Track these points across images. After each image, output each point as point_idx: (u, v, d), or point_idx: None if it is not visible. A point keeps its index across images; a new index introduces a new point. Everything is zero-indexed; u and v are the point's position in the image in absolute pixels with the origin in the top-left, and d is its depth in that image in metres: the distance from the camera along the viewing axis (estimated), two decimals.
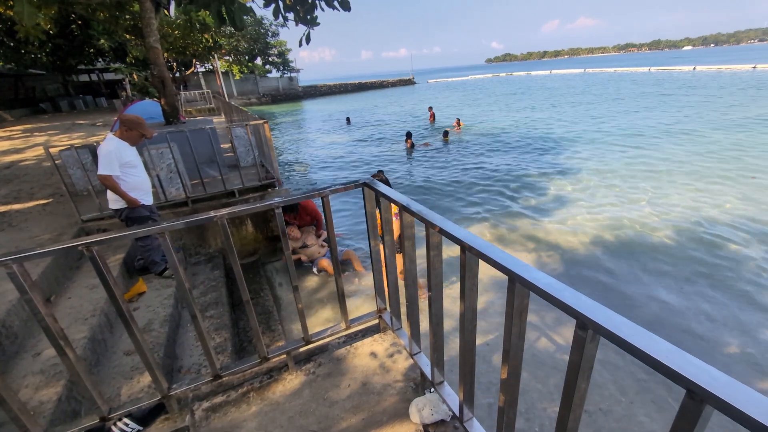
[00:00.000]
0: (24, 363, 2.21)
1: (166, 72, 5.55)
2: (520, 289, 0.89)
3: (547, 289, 0.78)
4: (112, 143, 3.12)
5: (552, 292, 0.77)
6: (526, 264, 0.89)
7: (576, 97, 25.77)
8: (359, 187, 1.73)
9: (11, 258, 1.12)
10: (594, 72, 58.72)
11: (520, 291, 0.89)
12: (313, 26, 5.54)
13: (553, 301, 0.77)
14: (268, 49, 40.02)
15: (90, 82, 28.39)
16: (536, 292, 0.82)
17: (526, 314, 0.95)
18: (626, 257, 5.09)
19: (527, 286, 0.85)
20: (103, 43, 18.88)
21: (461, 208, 7.28)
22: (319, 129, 19.61)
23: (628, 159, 9.56)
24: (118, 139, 3.18)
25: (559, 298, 0.75)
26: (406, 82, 62.27)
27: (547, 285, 0.79)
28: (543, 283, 0.80)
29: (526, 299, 0.91)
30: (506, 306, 0.94)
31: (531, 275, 0.83)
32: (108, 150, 3.06)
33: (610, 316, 0.71)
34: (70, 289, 3.12)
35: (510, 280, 0.90)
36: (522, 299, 0.91)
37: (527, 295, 0.91)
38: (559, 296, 0.75)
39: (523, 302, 0.92)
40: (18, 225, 4.15)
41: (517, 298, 0.90)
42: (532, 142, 12.58)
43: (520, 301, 0.91)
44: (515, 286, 0.89)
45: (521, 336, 0.98)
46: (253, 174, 5.21)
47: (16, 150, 9.32)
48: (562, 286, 0.79)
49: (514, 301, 0.91)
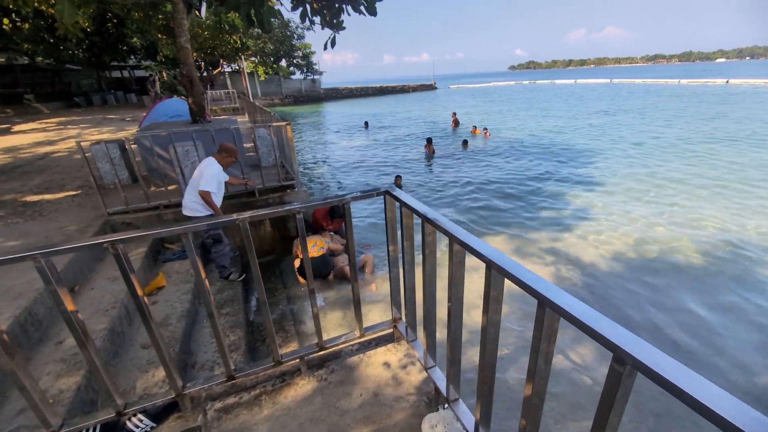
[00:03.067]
0: (47, 350, 2.28)
1: (194, 72, 5.70)
2: (551, 314, 0.84)
3: (581, 318, 0.74)
4: (215, 166, 3.63)
5: (587, 322, 0.72)
6: (558, 288, 0.85)
7: (601, 107, 25.17)
8: (381, 195, 1.71)
9: (40, 252, 1.15)
10: (621, 82, 57.31)
11: (550, 316, 0.85)
12: (338, 30, 5.59)
13: (587, 331, 0.73)
14: (293, 52, 40.71)
15: (121, 78, 29.52)
16: (569, 320, 0.77)
17: (555, 339, 0.90)
18: (650, 275, 4.90)
19: (559, 312, 0.81)
20: (135, 41, 19.62)
21: (479, 216, 7.17)
22: (339, 132, 19.76)
23: (656, 173, 9.24)
24: (217, 163, 3.65)
25: (595, 328, 0.71)
26: (427, 87, 62.24)
27: (582, 313, 0.75)
28: (577, 310, 0.76)
29: (556, 324, 0.87)
30: (534, 329, 0.89)
31: (563, 301, 0.79)
32: (213, 172, 3.56)
33: (652, 353, 0.66)
34: (93, 280, 3.21)
35: (540, 304, 0.85)
36: (552, 324, 0.87)
37: (557, 320, 0.86)
38: (595, 326, 0.71)
39: (553, 327, 0.87)
40: (48, 215, 4.31)
41: (546, 324, 0.86)
42: (553, 152, 12.34)
43: (549, 326, 0.86)
44: (545, 311, 0.84)
45: (548, 360, 0.94)
46: (273, 174, 5.27)
47: (50, 142, 9.74)
48: (598, 315, 0.74)
49: (543, 326, 0.86)
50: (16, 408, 1.83)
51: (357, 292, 1.88)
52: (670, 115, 19.20)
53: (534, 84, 69.71)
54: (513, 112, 24.96)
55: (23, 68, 20.90)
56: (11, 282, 2.64)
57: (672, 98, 28.91)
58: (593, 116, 20.70)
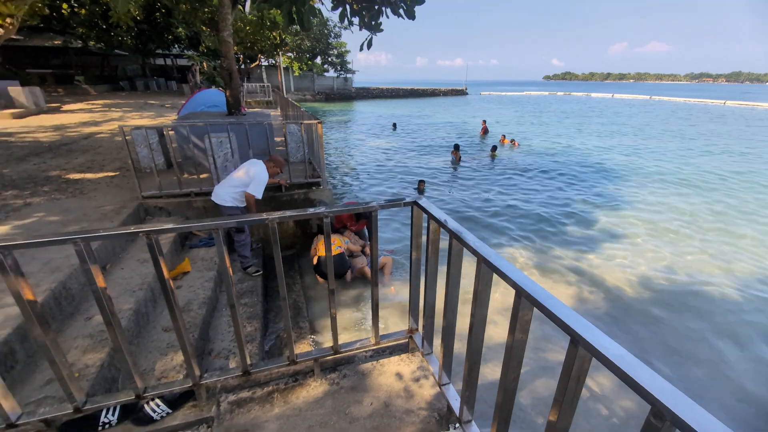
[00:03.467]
0: (76, 325, 2.39)
1: (234, 66, 5.87)
2: (583, 353, 0.80)
3: (618, 363, 0.69)
4: (265, 175, 3.81)
5: (624, 368, 0.68)
6: (592, 326, 0.81)
7: (638, 124, 24.19)
8: (408, 205, 1.69)
9: (80, 237, 1.20)
10: (661, 100, 54.87)
11: (582, 355, 0.81)
12: (376, 32, 5.62)
13: (624, 378, 0.68)
14: (329, 50, 41.30)
15: (164, 66, 30.81)
16: (603, 362, 0.73)
17: (585, 378, 0.86)
18: (678, 308, 4.66)
19: (592, 353, 0.77)
20: (180, 32, 20.43)
21: (502, 228, 7.03)
22: (367, 131, 19.87)
23: (691, 199, 8.79)
24: (266, 171, 3.84)
25: (633, 376, 0.66)
26: (458, 93, 61.67)
27: (619, 358, 0.71)
28: (613, 354, 0.72)
29: (587, 364, 0.83)
30: (563, 367, 0.86)
31: (599, 342, 0.75)
32: (263, 179, 3.76)
33: (695, 410, 0.62)
34: (123, 261, 3.35)
35: (572, 341, 0.82)
36: (582, 364, 0.82)
37: (589, 360, 0.82)
38: (633, 374, 0.67)
39: (584, 367, 0.83)
40: (88, 193, 4.54)
41: (577, 363, 0.82)
42: (584, 168, 11.94)
43: (580, 365, 0.82)
44: (577, 349, 0.80)
45: (575, 399, 0.89)
46: (301, 170, 5.35)
47: (95, 122, 10.27)
48: (636, 362, 0.70)
49: (574, 365, 0.82)
50: (45, 378, 1.93)
51: (377, 298, 1.87)
52: (713, 139, 18.21)
53: (569, 96, 67.81)
54: (544, 124, 24.35)
55: (76, 51, 22.12)
56: (51, 255, 2.79)
57: (715, 119, 27.45)
58: (628, 133, 19.90)
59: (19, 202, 4.15)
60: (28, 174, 5.24)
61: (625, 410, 3.15)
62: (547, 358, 3.69)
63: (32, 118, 10.70)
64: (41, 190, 4.59)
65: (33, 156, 6.30)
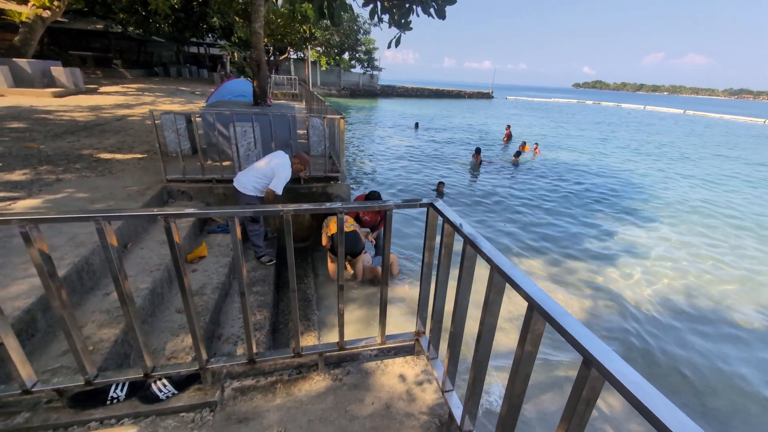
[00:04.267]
0: (95, 299, 2.48)
1: (263, 57, 5.94)
2: (596, 376, 0.76)
3: (634, 392, 0.65)
4: (289, 172, 3.83)
5: (641, 398, 0.64)
6: (608, 348, 0.76)
7: (669, 138, 23.24)
8: (424, 206, 1.67)
9: (102, 215, 1.23)
10: (696, 115, 52.51)
11: (594, 378, 0.77)
12: (405, 30, 5.58)
13: (639, 408, 0.64)
14: (357, 46, 41.43)
15: (197, 54, 31.60)
16: (617, 389, 0.69)
17: (595, 402, 0.82)
18: (698, 328, 4.46)
19: (605, 376, 0.73)
20: (214, 21, 20.86)
21: (519, 237, 6.89)
22: (389, 129, 19.85)
23: (719, 218, 8.38)
24: (290, 167, 3.87)
25: (650, 408, 0.62)
26: (483, 95, 60.81)
27: (635, 385, 0.67)
28: (630, 380, 0.68)
29: (599, 387, 0.79)
30: (573, 389, 0.82)
31: (614, 366, 0.71)
32: (286, 175, 3.77)
33: None
34: (144, 240, 3.45)
35: (585, 362, 0.78)
36: (594, 387, 0.78)
37: (602, 383, 0.78)
38: (651, 406, 0.62)
39: (595, 390, 0.79)
40: (116, 173, 4.70)
41: (588, 385, 0.78)
42: (607, 180, 11.57)
43: (591, 388, 0.78)
44: (590, 371, 0.76)
45: (583, 423, 0.85)
46: (321, 164, 5.38)
47: (128, 105, 10.64)
48: (654, 392, 0.66)
49: (585, 387, 0.78)
50: (62, 348, 2.00)
51: (385, 297, 1.85)
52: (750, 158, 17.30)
53: (598, 105, 65.81)
54: (570, 132, 23.70)
55: (116, 36, 22.96)
56: (77, 230, 2.90)
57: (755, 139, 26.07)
58: (657, 148, 19.15)
59: (52, 177, 4.34)
60: (63, 151, 5.47)
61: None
62: (557, 373, 3.59)
63: (71, 97, 11.17)
64: (73, 167, 4.79)
65: (68, 134, 6.57)
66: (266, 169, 3.78)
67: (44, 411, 1.50)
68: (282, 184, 3.74)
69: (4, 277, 2.26)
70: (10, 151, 5.20)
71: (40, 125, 7.04)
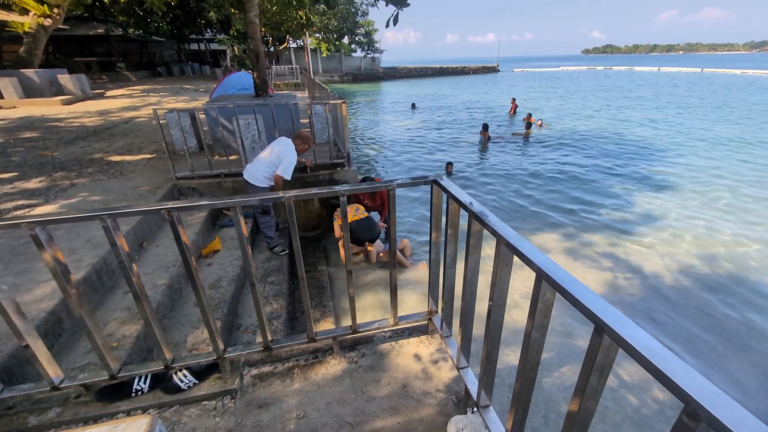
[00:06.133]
0: (115, 298, 2.55)
1: (261, 47, 5.87)
2: (608, 343, 0.74)
3: (648, 356, 0.62)
4: (294, 155, 3.77)
5: (656, 362, 0.61)
6: (621, 314, 0.73)
7: (685, 100, 22.22)
8: (428, 183, 1.63)
9: (106, 213, 1.24)
10: (714, 72, 49.90)
11: (607, 345, 0.74)
12: (402, 7, 5.42)
13: (654, 373, 0.62)
14: (356, 29, 40.60)
15: (198, 51, 31.57)
16: (631, 354, 0.66)
17: (610, 370, 0.80)
18: (723, 295, 4.33)
19: (619, 343, 0.70)
20: (212, 15, 20.68)
21: (533, 212, 6.77)
22: (393, 112, 19.57)
23: (745, 183, 8.04)
24: (295, 150, 3.80)
25: (665, 372, 0.59)
26: (489, 70, 59.17)
27: (650, 350, 0.64)
28: (643, 345, 0.65)
29: (613, 355, 0.76)
30: (586, 357, 0.79)
31: (627, 332, 0.68)
32: (291, 160, 3.73)
33: (734, 410, 0.54)
34: (159, 238, 3.52)
35: (597, 329, 0.75)
36: (608, 355, 0.76)
37: (615, 351, 0.75)
38: (666, 370, 0.60)
39: (609, 358, 0.76)
40: (127, 175, 4.78)
41: (602, 353, 0.75)
42: (623, 147, 11.19)
43: (605, 355, 0.76)
44: (602, 338, 0.74)
45: (598, 391, 0.83)
46: (326, 151, 5.35)
47: (134, 107, 10.75)
48: (670, 356, 0.63)
49: (598, 355, 0.76)
50: (88, 346, 2.07)
51: (395, 278, 1.84)
52: None
53: (609, 70, 63.28)
54: (579, 101, 22.91)
55: (117, 39, 23.06)
56: (93, 232, 2.97)
57: None
58: (675, 110, 18.36)
59: (66, 182, 4.44)
60: (75, 156, 5.58)
61: (654, 402, 3.00)
62: (573, 343, 3.56)
63: (79, 104, 11.35)
64: (86, 171, 4.89)
65: (79, 140, 6.70)
66: (272, 157, 3.77)
67: (74, 405, 1.57)
68: (290, 169, 3.72)
69: (28, 282, 2.34)
70: (25, 161, 5.34)
71: (52, 133, 7.19)
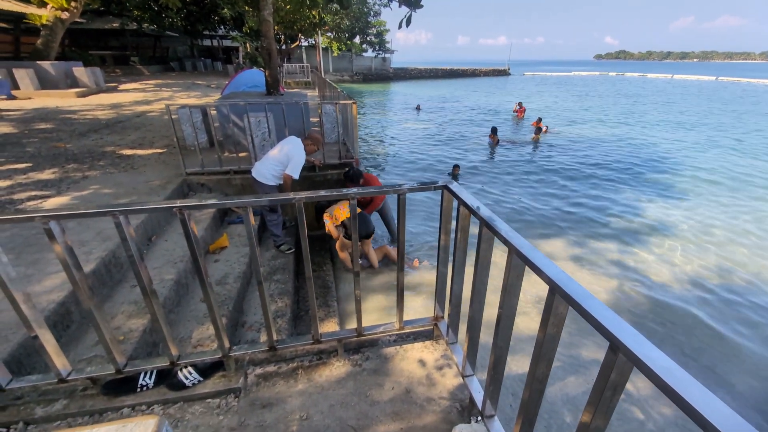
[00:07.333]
0: (123, 291, 2.58)
1: (273, 45, 5.90)
2: (624, 362, 0.72)
3: (666, 378, 0.61)
4: (303, 155, 3.82)
5: (673, 385, 0.59)
6: (637, 332, 0.72)
7: (700, 109, 21.88)
8: (439, 189, 1.62)
9: (118, 210, 1.25)
10: (730, 81, 49.06)
11: (622, 363, 0.73)
12: (416, 8, 5.41)
13: (671, 396, 0.60)
14: (368, 29, 40.65)
15: (210, 47, 31.88)
16: (646, 374, 0.65)
17: (623, 388, 0.78)
18: (731, 313, 4.25)
19: (634, 362, 0.68)
20: (225, 12, 20.84)
21: (541, 217, 6.71)
22: (402, 112, 19.55)
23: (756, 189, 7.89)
24: (304, 150, 3.85)
25: (684, 396, 0.58)
26: (499, 73, 58.89)
27: (665, 370, 0.62)
28: (660, 366, 0.63)
29: (627, 373, 0.74)
30: (599, 374, 0.78)
31: (643, 351, 0.66)
32: (300, 160, 3.76)
33: None
34: (168, 233, 3.55)
35: (611, 347, 0.73)
36: (623, 373, 0.74)
37: (630, 369, 0.74)
38: (684, 393, 0.58)
39: (624, 376, 0.75)
40: (138, 168, 4.83)
41: (616, 371, 0.74)
42: (634, 155, 11.06)
43: (619, 374, 0.74)
44: (617, 356, 0.72)
45: (610, 409, 0.81)
46: (335, 151, 5.35)
47: (146, 102, 10.86)
48: (688, 378, 0.61)
49: (612, 374, 0.74)
50: (95, 338, 2.09)
51: (402, 283, 1.84)
52: None
53: (621, 76, 62.58)
54: (591, 106, 22.68)
55: (132, 33, 23.34)
56: (103, 225, 3.00)
57: None
58: (689, 119, 18.09)
59: (78, 174, 4.50)
60: (87, 149, 5.65)
61: (663, 418, 2.95)
62: (581, 355, 3.52)
63: (93, 97, 11.51)
64: (98, 164, 4.95)
65: (92, 132, 6.78)
66: (281, 156, 3.80)
67: (80, 398, 1.58)
68: (298, 168, 3.75)
69: (39, 273, 2.37)
70: (39, 152, 5.42)
71: (65, 125, 7.29)
